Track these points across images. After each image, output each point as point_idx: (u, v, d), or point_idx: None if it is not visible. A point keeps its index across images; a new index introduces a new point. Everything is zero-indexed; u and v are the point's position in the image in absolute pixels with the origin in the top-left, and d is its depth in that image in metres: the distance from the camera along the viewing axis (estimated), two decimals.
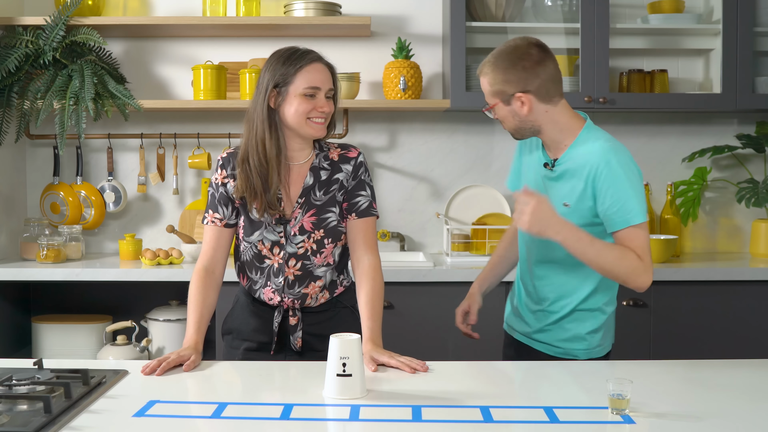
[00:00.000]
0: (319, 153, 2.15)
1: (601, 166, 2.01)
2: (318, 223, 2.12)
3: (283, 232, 2.11)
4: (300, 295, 2.14)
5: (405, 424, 1.52)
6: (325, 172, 2.13)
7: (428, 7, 3.58)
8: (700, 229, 3.64)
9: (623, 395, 1.57)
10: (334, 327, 2.13)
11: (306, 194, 2.11)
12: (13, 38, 3.29)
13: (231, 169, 2.13)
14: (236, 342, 2.20)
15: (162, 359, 1.90)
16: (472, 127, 3.62)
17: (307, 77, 2.04)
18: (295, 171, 2.12)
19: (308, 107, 2.04)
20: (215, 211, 2.14)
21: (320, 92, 2.05)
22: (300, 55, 2.07)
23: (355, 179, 2.15)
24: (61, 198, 3.51)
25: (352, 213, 2.15)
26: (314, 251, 2.13)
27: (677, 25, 3.40)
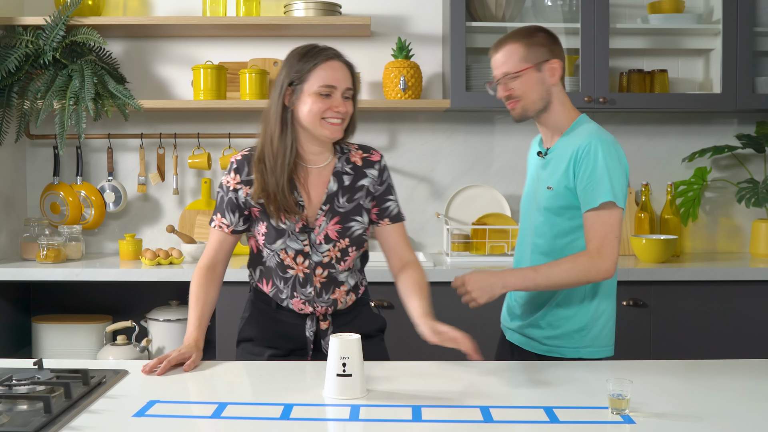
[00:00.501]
0: (341, 156, 2.07)
1: (582, 147, 2.08)
2: (343, 232, 2.05)
3: (307, 240, 2.04)
4: (331, 301, 2.11)
5: (405, 424, 1.52)
6: (348, 177, 2.07)
7: (428, 7, 3.58)
8: (700, 229, 3.64)
9: (623, 395, 1.57)
10: (360, 325, 2.12)
11: (330, 201, 2.04)
12: (13, 38, 3.29)
13: (246, 174, 2.04)
14: (257, 349, 2.13)
15: (162, 358, 1.89)
16: (472, 127, 3.62)
17: (322, 75, 1.96)
18: (314, 175, 2.04)
19: (323, 107, 1.95)
20: (223, 216, 2.08)
21: (336, 91, 1.96)
22: (316, 52, 1.98)
23: (382, 184, 2.10)
24: (61, 198, 3.51)
25: (384, 218, 2.11)
26: (338, 259, 2.08)
27: (677, 25, 3.40)
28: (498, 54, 2.15)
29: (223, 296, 3.07)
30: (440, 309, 3.08)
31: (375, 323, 2.21)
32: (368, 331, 2.16)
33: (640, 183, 3.56)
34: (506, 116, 3.59)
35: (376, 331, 2.21)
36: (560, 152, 2.14)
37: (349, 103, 1.99)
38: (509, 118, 3.57)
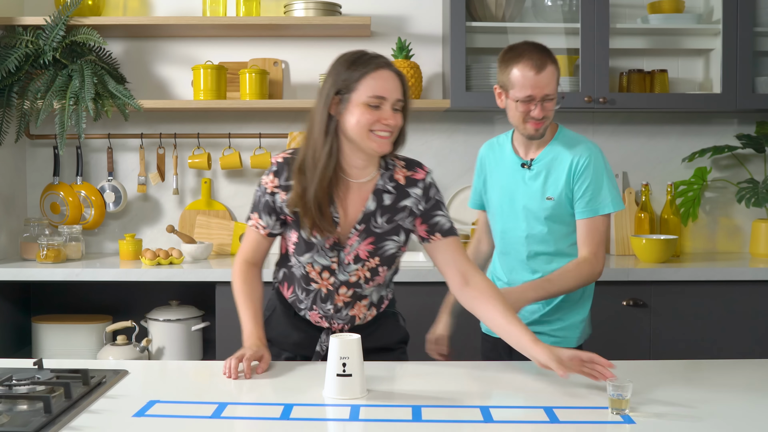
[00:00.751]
0: (384, 172, 1.94)
1: (581, 159, 2.23)
2: (374, 252, 1.95)
3: (336, 258, 1.95)
4: (348, 318, 2.04)
5: (405, 424, 1.52)
6: (389, 196, 1.94)
7: (428, 7, 3.58)
8: (700, 229, 3.64)
9: (623, 395, 1.57)
10: (379, 337, 2.07)
11: (366, 221, 1.93)
12: (13, 38, 3.29)
13: (284, 179, 1.93)
14: (274, 350, 2.06)
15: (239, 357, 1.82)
16: (472, 127, 3.61)
17: (372, 85, 1.84)
18: (354, 190, 1.93)
19: (371, 119, 1.83)
20: (260, 217, 1.98)
21: (386, 102, 1.84)
22: (366, 60, 1.87)
23: (428, 202, 1.96)
24: (61, 198, 3.51)
25: (435, 234, 1.96)
26: (367, 279, 1.99)
27: (677, 25, 3.40)
28: (542, 75, 2.18)
29: (224, 296, 3.07)
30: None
31: (395, 335, 2.12)
32: (388, 343, 2.10)
33: (640, 183, 3.56)
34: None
35: (397, 344, 2.13)
36: (552, 163, 2.27)
37: (399, 115, 1.87)
38: None
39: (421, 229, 1.98)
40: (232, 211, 3.64)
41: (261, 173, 3.62)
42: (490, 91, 3.36)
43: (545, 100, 2.19)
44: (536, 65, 2.17)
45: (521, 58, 2.19)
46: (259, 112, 3.60)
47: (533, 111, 2.19)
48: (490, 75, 3.38)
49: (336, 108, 1.86)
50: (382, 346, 2.09)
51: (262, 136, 3.54)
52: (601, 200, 2.22)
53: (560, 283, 2.20)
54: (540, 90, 2.18)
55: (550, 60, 2.21)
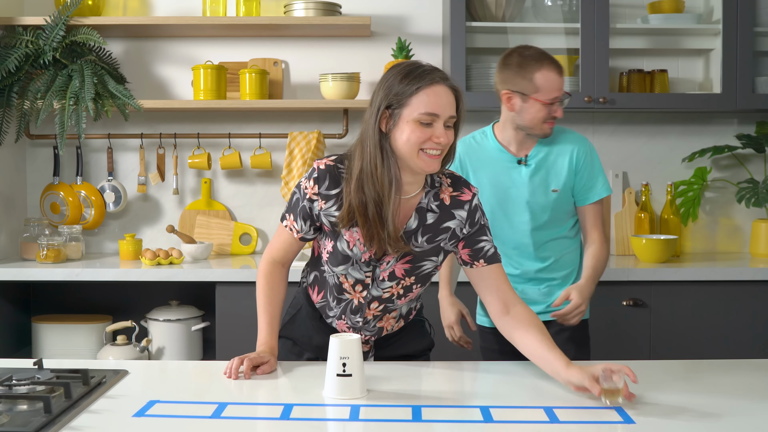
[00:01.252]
0: (429, 190, 1.87)
1: (580, 151, 2.44)
2: (411, 271, 1.90)
3: (371, 273, 1.90)
4: (376, 330, 2.00)
5: (405, 424, 1.52)
6: (432, 215, 1.87)
7: (428, 7, 3.58)
8: (700, 229, 3.64)
9: (616, 384, 1.59)
10: (404, 345, 2.04)
11: (407, 239, 1.85)
12: (13, 38, 3.29)
13: (325, 188, 1.85)
14: (297, 350, 2.06)
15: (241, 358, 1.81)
16: (472, 127, 3.60)
17: (424, 101, 1.75)
18: (399, 206, 1.85)
19: (423, 137, 1.75)
20: (295, 220, 1.91)
21: (439, 120, 1.76)
22: (420, 74, 1.77)
23: (472, 226, 1.89)
24: (61, 198, 3.51)
25: (479, 260, 1.90)
26: (400, 296, 1.95)
27: (677, 25, 3.40)
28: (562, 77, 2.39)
29: (224, 296, 3.07)
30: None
31: (420, 344, 2.08)
32: (412, 351, 2.07)
33: (640, 183, 3.56)
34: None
35: (422, 352, 2.09)
36: (550, 157, 2.43)
37: (451, 132, 1.80)
38: None
39: (464, 252, 1.92)
40: (232, 211, 3.63)
41: (261, 173, 3.62)
42: (490, 91, 3.36)
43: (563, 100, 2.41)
44: (557, 69, 2.37)
45: (543, 63, 2.35)
46: (259, 112, 3.60)
47: (557, 111, 2.38)
48: (490, 75, 3.37)
49: (386, 123, 1.79)
50: (407, 354, 2.06)
51: (262, 136, 3.54)
52: (601, 186, 2.45)
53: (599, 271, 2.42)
54: (561, 91, 2.39)
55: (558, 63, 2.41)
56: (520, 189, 2.42)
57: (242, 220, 3.63)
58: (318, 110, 3.57)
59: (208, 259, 3.40)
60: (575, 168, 2.42)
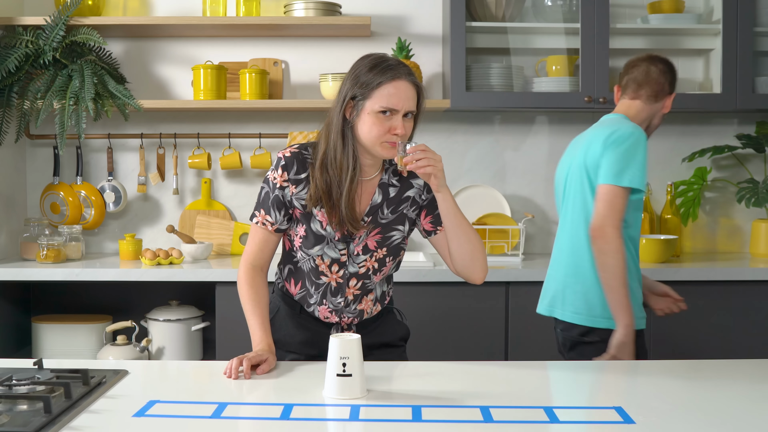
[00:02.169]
0: (388, 168, 2.02)
1: None
2: (382, 242, 2.02)
3: (345, 250, 2.00)
4: (357, 312, 2.07)
5: (405, 424, 1.52)
6: (393, 188, 2.01)
7: (428, 7, 3.58)
8: (700, 229, 3.64)
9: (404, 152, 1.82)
10: (383, 333, 2.10)
11: (373, 212, 1.99)
12: (13, 38, 3.29)
13: (294, 173, 1.96)
14: (280, 353, 2.07)
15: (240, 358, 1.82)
16: (472, 127, 3.62)
17: (385, 95, 1.87)
18: (363, 186, 1.99)
19: (382, 129, 1.87)
20: (267, 213, 1.99)
21: (397, 113, 1.88)
22: (384, 69, 1.88)
23: (429, 192, 2.04)
24: (61, 198, 3.51)
25: (440, 225, 2.04)
26: (375, 270, 2.04)
27: (677, 25, 3.40)
28: None
29: (224, 296, 3.07)
30: (440, 309, 3.09)
31: (398, 332, 2.17)
32: (391, 339, 2.14)
33: None
34: (506, 116, 3.59)
35: (399, 340, 2.17)
36: None
37: (409, 123, 1.92)
38: (509, 118, 3.58)
39: (426, 221, 2.06)
40: (232, 211, 3.64)
41: (261, 173, 3.62)
42: (490, 91, 3.36)
43: None
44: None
45: None
46: (259, 112, 3.60)
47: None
48: (490, 75, 3.37)
49: (350, 112, 1.91)
50: (385, 343, 2.13)
51: (262, 136, 3.54)
52: None
53: None
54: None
55: None
56: None
57: (242, 220, 3.63)
58: (318, 110, 3.56)
59: (208, 259, 3.40)
60: None
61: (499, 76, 3.37)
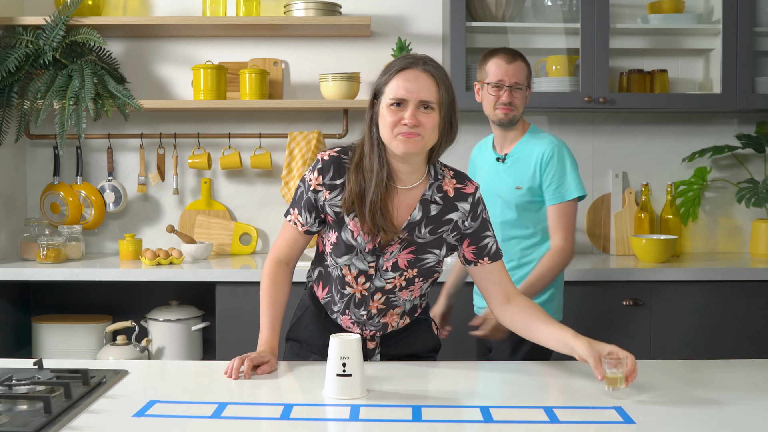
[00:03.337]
0: (433, 182, 1.91)
1: (547, 152, 2.49)
2: (413, 263, 1.91)
3: (374, 263, 1.91)
4: (381, 325, 1.99)
5: (405, 424, 1.52)
6: (435, 206, 1.90)
7: (428, 7, 3.58)
8: (700, 229, 3.64)
9: (617, 372, 1.64)
10: (411, 344, 2.03)
11: (410, 229, 1.88)
12: (13, 38, 3.29)
13: (330, 178, 1.89)
14: (304, 352, 2.05)
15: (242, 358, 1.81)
16: (472, 127, 3.61)
17: (394, 86, 1.81)
18: (401, 197, 1.89)
19: (394, 119, 1.79)
20: (299, 213, 1.94)
21: (408, 103, 1.80)
22: (397, 61, 1.84)
23: (475, 220, 1.92)
24: (61, 198, 3.51)
25: (483, 258, 1.94)
26: (402, 288, 1.95)
27: (677, 25, 3.40)
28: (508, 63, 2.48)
29: (224, 296, 3.07)
30: None
31: (427, 343, 2.08)
32: (418, 351, 2.06)
33: (640, 183, 3.56)
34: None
35: (428, 352, 2.09)
36: (522, 156, 2.53)
37: (426, 114, 1.81)
38: None
39: (468, 250, 1.95)
40: (232, 211, 3.63)
41: (261, 173, 3.62)
42: None
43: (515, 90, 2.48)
44: (509, 57, 2.49)
45: (496, 53, 2.52)
46: (259, 112, 3.60)
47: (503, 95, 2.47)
48: None
49: (374, 112, 1.87)
50: (413, 353, 2.05)
51: (262, 136, 3.54)
52: (567, 187, 2.48)
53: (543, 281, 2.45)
54: (509, 77, 2.47)
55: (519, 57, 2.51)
56: (495, 185, 2.57)
57: (242, 220, 3.63)
58: (318, 110, 3.57)
59: (208, 259, 3.40)
60: (541, 167, 2.48)
61: None
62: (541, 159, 2.49)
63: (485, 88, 2.52)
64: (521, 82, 2.48)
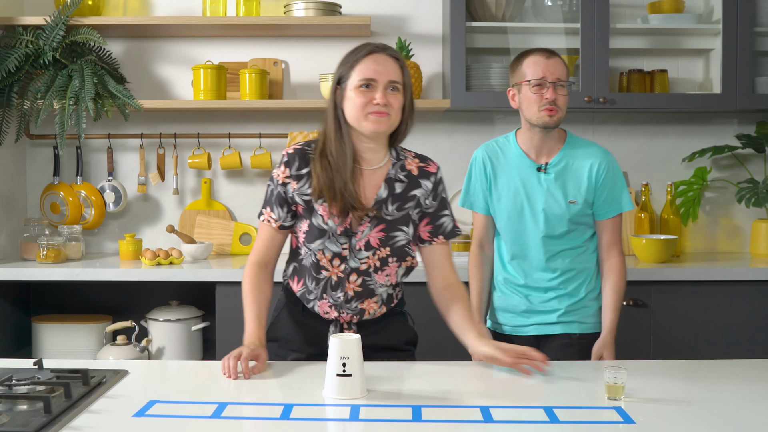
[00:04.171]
0: (396, 162, 2.03)
1: (602, 164, 2.39)
2: (385, 240, 2.00)
3: (347, 244, 1.99)
4: (358, 310, 2.05)
5: (405, 424, 1.52)
6: (400, 184, 2.02)
7: (428, 7, 3.58)
8: (700, 229, 3.64)
9: (618, 380, 1.62)
10: (389, 335, 2.08)
11: (378, 207, 1.99)
12: (13, 38, 3.29)
13: (296, 169, 2.00)
14: (282, 351, 2.10)
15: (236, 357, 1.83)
16: (472, 127, 3.62)
17: (362, 69, 1.93)
18: (367, 177, 2.00)
19: (364, 100, 1.91)
20: (272, 210, 2.04)
21: (377, 84, 1.92)
22: (360, 47, 1.97)
23: (435, 198, 2.05)
24: (61, 198, 3.51)
25: (438, 236, 2.07)
26: (377, 268, 2.02)
27: (677, 25, 3.40)
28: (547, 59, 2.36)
29: (224, 296, 3.07)
30: None
31: (404, 335, 2.14)
32: (396, 343, 2.12)
33: (640, 183, 3.56)
34: (506, 116, 3.59)
35: (405, 344, 2.15)
36: (569, 166, 2.40)
37: (393, 95, 1.94)
38: (509, 118, 3.58)
39: (424, 230, 2.06)
40: (232, 211, 3.64)
41: (261, 173, 3.62)
42: (490, 91, 3.36)
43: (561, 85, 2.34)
44: (547, 54, 2.36)
45: (532, 51, 2.39)
46: (259, 112, 3.60)
47: (547, 93, 2.32)
48: (490, 75, 3.37)
49: (338, 97, 1.97)
50: (390, 346, 2.11)
51: (262, 136, 3.54)
52: (622, 199, 2.42)
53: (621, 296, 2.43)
54: (551, 74, 2.33)
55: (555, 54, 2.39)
56: (537, 197, 2.40)
57: (242, 220, 3.63)
58: (318, 110, 3.54)
59: (208, 259, 3.40)
60: (595, 182, 2.38)
61: (499, 76, 3.37)
62: (596, 172, 2.38)
63: (524, 90, 2.37)
64: (563, 78, 2.36)
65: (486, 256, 2.57)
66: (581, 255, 2.44)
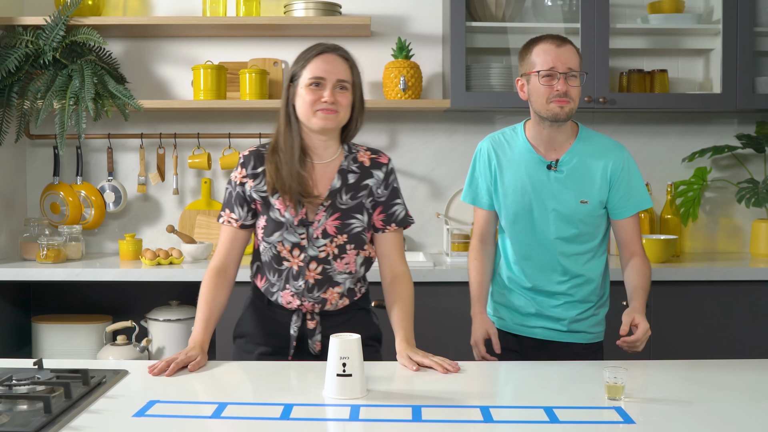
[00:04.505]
0: (348, 155, 2.11)
1: (617, 163, 2.24)
2: (342, 228, 2.07)
3: (305, 234, 2.06)
4: (320, 299, 2.09)
5: (405, 424, 1.52)
6: (353, 175, 2.09)
7: (428, 7, 3.58)
8: (700, 229, 3.64)
9: (618, 380, 1.61)
10: (352, 329, 2.08)
11: (332, 197, 2.06)
12: (13, 38, 3.29)
13: (251, 168, 2.10)
14: (249, 346, 2.15)
15: (170, 359, 1.89)
16: (472, 127, 3.62)
17: (311, 68, 2.01)
18: (319, 171, 2.08)
19: (313, 97, 1.99)
20: (231, 211, 2.11)
21: (326, 82, 2.00)
22: (311, 48, 2.04)
23: (387, 188, 2.12)
24: (61, 198, 3.51)
25: (391, 224, 2.13)
26: (336, 256, 2.08)
27: (677, 25, 3.40)
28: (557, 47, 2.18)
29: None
30: (440, 309, 3.09)
31: (368, 330, 2.16)
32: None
33: None
34: (506, 116, 3.59)
35: (369, 339, 2.16)
36: (580, 165, 2.24)
37: (342, 94, 2.02)
38: (509, 118, 3.58)
39: (378, 218, 2.12)
40: None
41: None
42: (490, 91, 3.36)
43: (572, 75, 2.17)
44: (557, 41, 2.19)
45: (541, 39, 2.22)
46: (259, 112, 3.60)
47: (558, 84, 2.15)
48: (490, 75, 3.37)
49: (291, 94, 2.06)
50: None
51: (262, 136, 3.54)
52: (641, 196, 2.28)
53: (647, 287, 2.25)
54: (562, 63, 2.16)
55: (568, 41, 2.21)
56: (546, 196, 2.25)
57: None
58: None
59: (208, 259, 3.40)
60: (610, 182, 2.23)
61: (499, 76, 3.37)
62: (610, 171, 2.23)
63: (533, 80, 2.19)
64: (575, 68, 2.17)
65: (487, 251, 2.40)
66: (591, 260, 2.29)
